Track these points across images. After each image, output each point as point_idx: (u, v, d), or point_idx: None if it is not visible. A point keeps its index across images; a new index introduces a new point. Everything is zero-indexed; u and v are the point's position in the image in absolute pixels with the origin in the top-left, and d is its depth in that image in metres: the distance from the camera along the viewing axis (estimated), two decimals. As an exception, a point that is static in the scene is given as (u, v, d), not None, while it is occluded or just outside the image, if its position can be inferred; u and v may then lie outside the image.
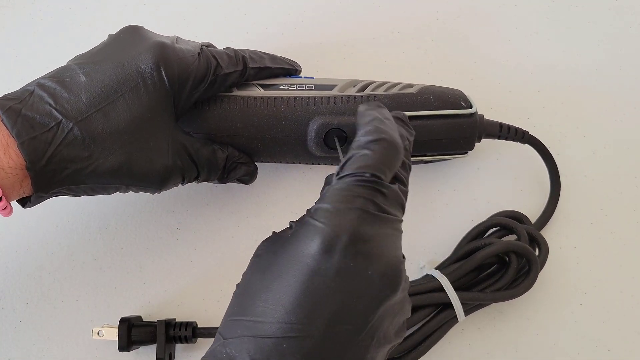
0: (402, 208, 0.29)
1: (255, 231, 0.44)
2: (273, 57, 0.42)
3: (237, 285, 0.30)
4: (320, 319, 0.26)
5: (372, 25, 0.48)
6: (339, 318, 0.26)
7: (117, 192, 0.36)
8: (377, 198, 0.27)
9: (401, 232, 0.29)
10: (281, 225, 0.44)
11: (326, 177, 0.33)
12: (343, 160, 0.29)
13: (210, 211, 0.45)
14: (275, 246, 0.29)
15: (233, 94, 0.40)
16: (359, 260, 0.26)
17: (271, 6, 0.48)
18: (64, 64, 0.35)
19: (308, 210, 0.29)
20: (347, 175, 0.28)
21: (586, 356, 0.42)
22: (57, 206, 0.44)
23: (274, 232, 0.31)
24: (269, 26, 0.48)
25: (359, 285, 0.26)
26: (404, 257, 0.29)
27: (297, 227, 0.28)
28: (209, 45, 0.39)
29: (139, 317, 0.42)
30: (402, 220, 0.29)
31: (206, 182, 0.41)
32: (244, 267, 0.43)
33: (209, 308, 0.43)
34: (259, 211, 0.45)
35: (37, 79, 0.34)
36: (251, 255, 0.44)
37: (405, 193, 0.30)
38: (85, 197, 0.44)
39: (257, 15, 0.48)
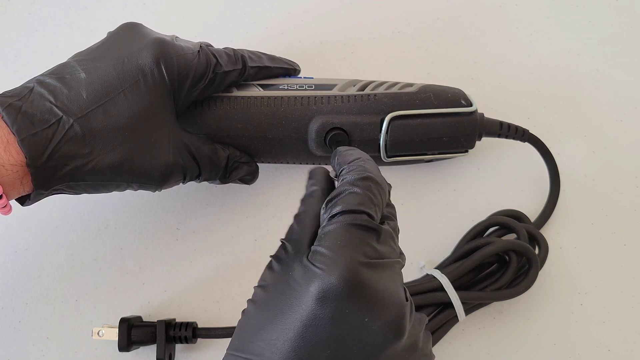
0: (396, 246, 0.29)
1: (255, 231, 0.44)
2: (272, 57, 0.42)
3: (242, 312, 0.29)
4: None
5: (373, 25, 0.48)
6: None
7: (117, 191, 0.36)
8: (372, 240, 0.27)
9: (400, 274, 0.29)
10: (280, 225, 0.44)
11: (309, 171, 0.32)
12: (332, 194, 0.29)
13: (210, 211, 0.45)
14: (275, 279, 0.28)
15: (233, 94, 0.40)
16: (355, 309, 0.25)
17: (271, 6, 0.48)
18: (64, 61, 0.35)
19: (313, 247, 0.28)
20: (340, 213, 0.27)
21: (586, 356, 0.42)
22: (57, 206, 0.44)
23: (270, 256, 0.30)
24: (268, 26, 0.48)
25: (354, 333, 0.26)
26: (407, 300, 0.28)
27: (297, 269, 0.27)
28: (208, 45, 0.39)
29: (139, 317, 0.42)
30: (399, 261, 0.29)
31: (206, 182, 0.41)
32: (243, 268, 0.44)
33: (209, 308, 0.43)
34: (258, 211, 0.45)
35: (37, 76, 0.34)
36: (250, 256, 0.44)
37: (396, 229, 0.30)
38: (84, 198, 0.44)
39: (256, 15, 0.48)
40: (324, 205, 0.29)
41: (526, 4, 0.48)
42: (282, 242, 0.30)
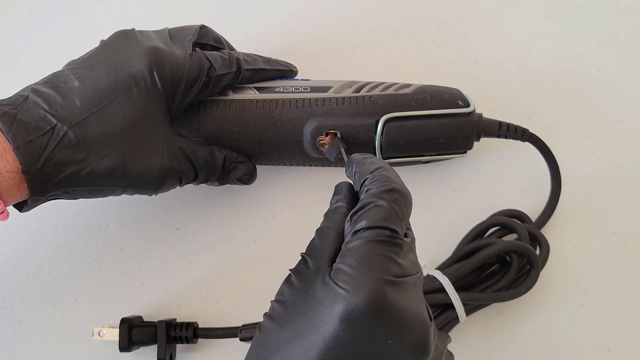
0: (416, 258, 0.29)
1: (255, 231, 0.44)
2: (267, 60, 0.42)
3: (258, 327, 0.28)
4: None
5: (372, 25, 0.48)
6: None
7: (113, 196, 0.36)
8: (396, 256, 0.26)
9: (422, 289, 0.28)
10: (280, 225, 0.44)
11: (336, 186, 0.31)
12: (357, 207, 0.28)
13: (210, 211, 0.45)
14: (295, 295, 0.28)
15: (229, 97, 0.40)
16: (379, 330, 0.25)
17: (271, 6, 0.48)
18: (60, 68, 0.36)
19: (333, 266, 0.27)
20: (364, 229, 0.27)
21: (586, 356, 0.42)
22: (57, 207, 0.44)
23: (290, 270, 0.29)
24: (268, 26, 0.48)
25: (378, 355, 0.25)
26: (431, 320, 0.27)
27: (319, 287, 0.27)
28: (204, 28, 0.40)
29: (140, 317, 0.42)
30: (420, 276, 0.28)
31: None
32: (243, 268, 0.44)
33: (209, 308, 0.43)
34: (258, 211, 0.45)
35: (31, 84, 0.35)
36: (251, 256, 0.44)
37: (414, 240, 0.29)
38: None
39: (256, 15, 0.48)
40: (348, 218, 0.28)
41: (526, 4, 0.48)
42: (302, 256, 0.29)
